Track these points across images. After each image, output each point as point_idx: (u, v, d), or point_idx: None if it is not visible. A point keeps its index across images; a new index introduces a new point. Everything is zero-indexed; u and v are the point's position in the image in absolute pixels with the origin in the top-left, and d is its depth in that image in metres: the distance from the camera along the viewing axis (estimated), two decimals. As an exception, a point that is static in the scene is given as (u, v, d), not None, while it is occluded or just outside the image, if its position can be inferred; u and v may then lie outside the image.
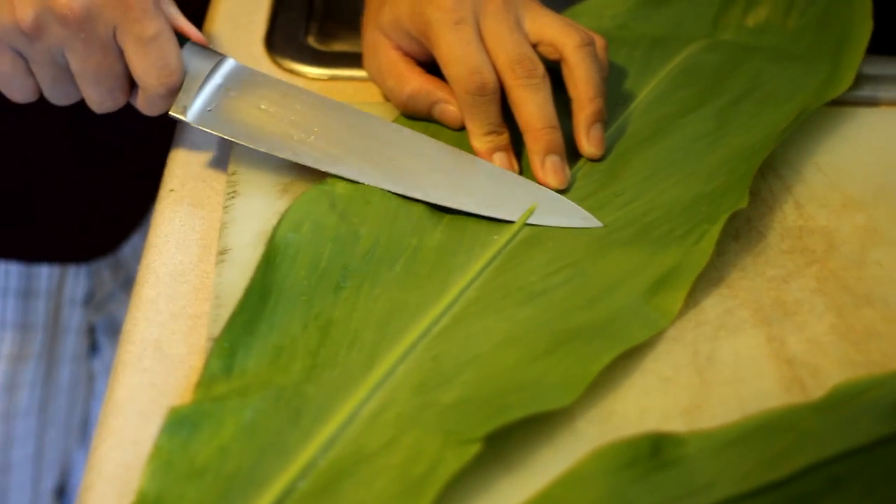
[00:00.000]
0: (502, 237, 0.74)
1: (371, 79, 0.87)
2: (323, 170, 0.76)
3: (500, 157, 0.79)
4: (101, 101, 0.79)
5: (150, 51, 0.76)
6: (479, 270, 0.72)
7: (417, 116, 0.84)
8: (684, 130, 0.83)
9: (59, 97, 0.80)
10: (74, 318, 1.16)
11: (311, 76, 0.93)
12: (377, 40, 0.84)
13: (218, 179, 0.81)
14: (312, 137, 0.78)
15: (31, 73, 0.78)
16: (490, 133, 0.79)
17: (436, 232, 0.75)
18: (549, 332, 0.68)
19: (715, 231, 0.73)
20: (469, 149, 0.80)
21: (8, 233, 1.08)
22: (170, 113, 0.79)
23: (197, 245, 0.76)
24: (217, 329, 0.68)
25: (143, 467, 0.61)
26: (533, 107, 0.78)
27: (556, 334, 0.68)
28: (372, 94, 0.89)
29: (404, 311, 0.70)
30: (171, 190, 0.80)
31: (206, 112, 0.78)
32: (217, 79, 0.79)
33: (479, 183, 0.77)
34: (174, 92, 0.78)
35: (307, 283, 0.70)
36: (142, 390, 0.67)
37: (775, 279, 0.74)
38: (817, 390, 0.66)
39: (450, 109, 0.82)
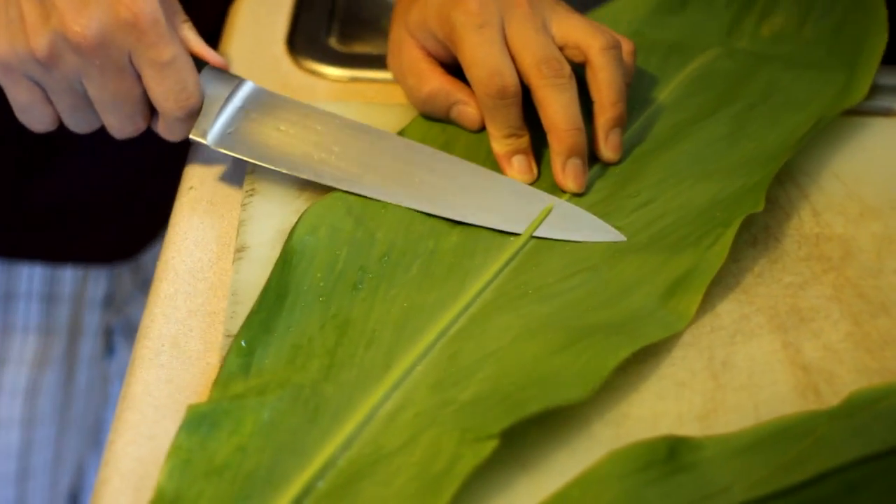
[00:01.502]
0: (519, 240, 0.75)
1: (393, 76, 0.87)
2: (344, 189, 0.76)
3: (519, 161, 0.79)
4: (121, 127, 0.79)
5: (167, 75, 0.75)
6: (495, 272, 0.73)
7: (435, 117, 0.84)
8: (700, 135, 0.84)
9: (79, 125, 0.80)
10: (93, 321, 1.16)
11: (332, 77, 0.93)
12: (403, 39, 0.84)
13: (237, 178, 0.81)
14: (333, 157, 0.78)
15: (50, 102, 0.78)
16: (510, 136, 0.79)
17: (452, 235, 0.75)
18: (567, 328, 0.68)
19: (730, 234, 0.73)
20: (487, 151, 0.80)
21: (33, 234, 1.08)
22: (190, 137, 0.78)
23: (215, 242, 0.76)
24: (234, 326, 0.69)
25: (160, 463, 0.61)
26: (558, 107, 0.77)
27: (573, 330, 0.68)
28: (392, 95, 0.89)
29: (421, 311, 0.70)
30: (191, 188, 0.81)
31: (225, 135, 0.78)
32: (236, 102, 0.79)
33: (501, 199, 0.77)
34: (193, 115, 0.78)
35: (324, 284, 0.71)
36: (158, 386, 0.67)
37: (792, 286, 0.74)
38: (832, 397, 0.66)
39: (467, 111, 0.82)
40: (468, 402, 0.64)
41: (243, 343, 0.66)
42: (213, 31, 0.98)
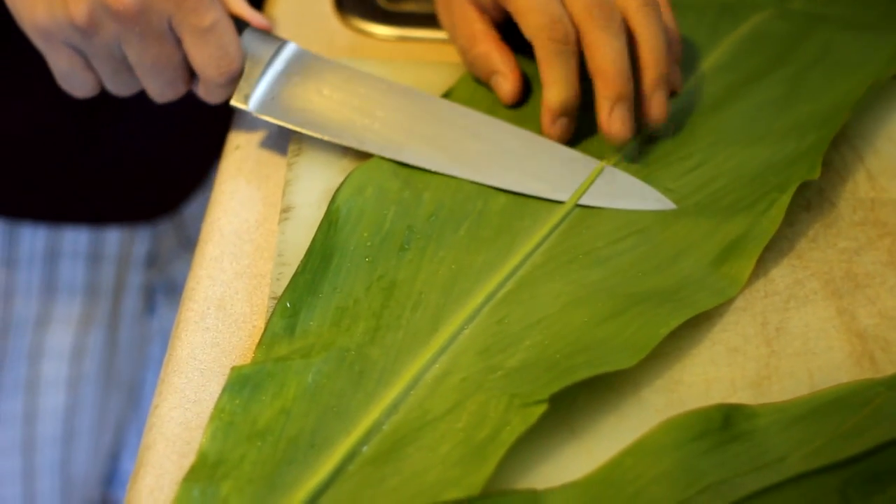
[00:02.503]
0: (568, 203, 0.74)
1: (444, 31, 0.86)
2: (388, 157, 0.75)
3: (562, 123, 0.77)
4: (161, 91, 0.78)
5: (208, 41, 0.74)
6: (545, 235, 0.72)
7: (477, 82, 0.83)
8: (752, 97, 0.82)
9: (120, 89, 0.79)
10: (136, 280, 1.16)
11: (379, 36, 0.92)
12: None
13: (283, 138, 0.80)
14: (377, 124, 0.76)
15: (91, 68, 0.77)
16: (566, 85, 0.76)
17: (500, 196, 0.74)
18: (617, 295, 0.67)
19: (785, 200, 0.72)
20: (534, 113, 0.79)
21: (78, 199, 1.08)
22: (231, 103, 0.77)
23: (261, 203, 0.76)
24: (279, 288, 0.68)
25: (203, 427, 0.61)
26: (608, 49, 0.74)
27: (623, 298, 0.67)
28: (440, 54, 0.88)
29: (469, 273, 0.69)
30: (237, 147, 0.80)
31: (267, 100, 0.77)
32: (278, 65, 0.78)
33: (551, 167, 0.75)
34: (235, 80, 0.77)
35: (370, 245, 0.70)
36: (204, 349, 0.66)
37: (847, 251, 0.72)
38: (888, 365, 0.65)
39: (504, 84, 0.80)
40: (515, 369, 0.63)
41: (288, 304, 0.66)
42: None
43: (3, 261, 1.07)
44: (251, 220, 0.74)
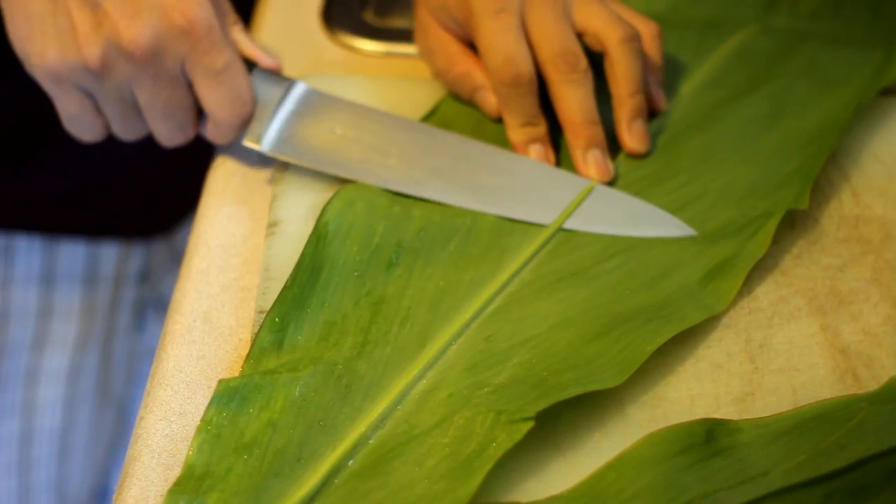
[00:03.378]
0: (557, 220, 0.74)
1: (421, 56, 0.86)
2: (407, 193, 0.75)
3: (535, 150, 0.78)
4: (170, 135, 0.77)
5: (221, 82, 0.74)
6: (533, 252, 0.72)
7: (462, 100, 0.83)
8: (738, 114, 0.83)
9: (128, 133, 0.78)
10: (129, 296, 1.16)
11: (367, 52, 0.92)
12: (427, 20, 0.83)
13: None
14: (392, 160, 0.76)
15: (99, 112, 0.76)
16: (526, 125, 0.78)
17: (489, 213, 0.74)
18: (604, 314, 0.68)
19: (772, 225, 0.72)
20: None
21: (74, 211, 1.08)
22: (243, 143, 0.77)
23: (248, 217, 0.76)
24: (266, 302, 0.68)
25: (190, 439, 0.61)
26: (573, 101, 0.77)
27: (610, 317, 0.67)
28: (427, 70, 0.88)
29: (457, 290, 0.69)
30: (225, 161, 0.80)
31: (281, 140, 0.76)
32: (289, 105, 0.77)
33: (569, 198, 0.75)
34: (246, 121, 0.76)
35: (359, 260, 0.70)
36: (190, 362, 0.66)
37: (831, 268, 0.73)
38: (871, 381, 0.66)
39: (489, 98, 0.80)
40: (503, 385, 0.63)
41: (276, 319, 0.66)
42: (247, 4, 0.97)
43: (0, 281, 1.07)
44: (238, 234, 0.75)
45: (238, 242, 0.74)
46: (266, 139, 0.76)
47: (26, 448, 1.14)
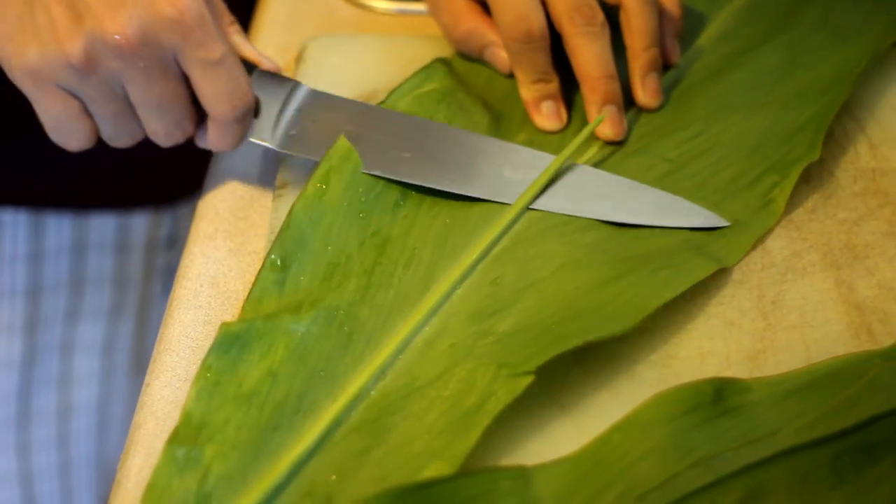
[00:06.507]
0: (560, 156, 0.73)
1: (429, 12, 0.85)
2: (426, 185, 0.72)
3: (547, 106, 0.77)
4: (167, 133, 0.73)
5: (218, 74, 0.69)
6: (542, 188, 0.71)
7: (471, 57, 0.82)
8: (752, 65, 0.81)
9: (121, 137, 0.73)
10: (160, 264, 1.15)
11: (379, 10, 0.91)
12: None
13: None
14: (408, 154, 0.73)
15: (87, 115, 0.71)
16: (538, 81, 0.77)
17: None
18: (612, 258, 0.67)
19: (787, 186, 0.72)
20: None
21: (100, 184, 1.07)
22: (251, 139, 0.73)
23: (257, 180, 0.75)
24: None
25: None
26: (591, 55, 0.75)
27: (618, 262, 0.67)
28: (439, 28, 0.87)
29: (464, 227, 0.69)
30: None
31: (289, 137, 0.74)
32: (294, 103, 0.74)
33: (594, 188, 0.73)
34: (247, 118, 0.72)
35: (364, 201, 0.69)
36: (196, 327, 0.66)
37: (846, 222, 0.72)
38: (886, 337, 0.65)
39: (500, 54, 0.79)
40: (506, 334, 0.62)
41: (275, 258, 0.65)
42: (245, 10, 0.96)
43: (30, 256, 1.06)
44: (246, 198, 0.74)
45: (246, 206, 0.74)
46: (275, 135, 0.73)
47: (65, 421, 1.14)
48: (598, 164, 0.74)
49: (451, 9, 0.81)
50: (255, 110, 0.73)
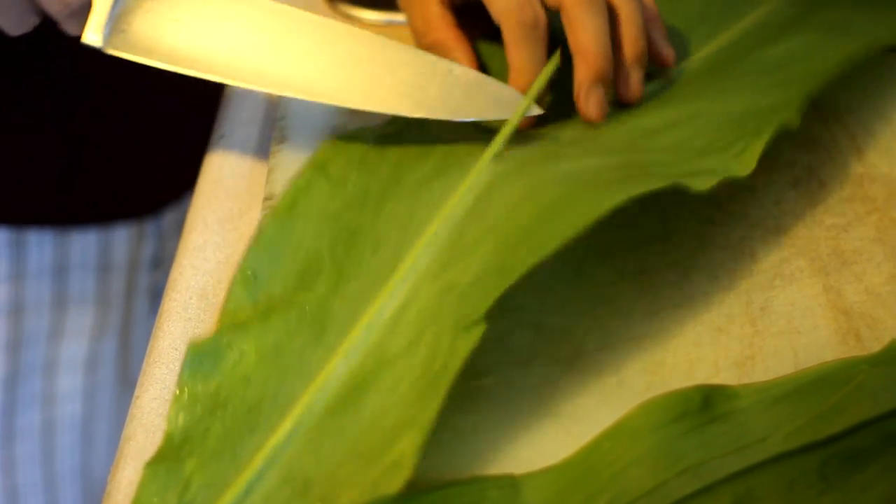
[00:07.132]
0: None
1: (400, 8, 0.84)
2: (277, 92, 0.69)
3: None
4: (11, 25, 0.72)
5: None
6: (504, 141, 0.70)
7: None
8: (744, 65, 0.81)
9: None
10: (144, 283, 1.15)
11: (367, 21, 0.92)
12: None
13: (268, 124, 0.80)
14: (250, 51, 0.68)
15: None
16: (535, 73, 0.75)
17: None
18: (573, 182, 0.65)
19: (759, 144, 0.69)
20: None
21: (84, 195, 1.07)
22: (82, 41, 0.70)
23: (246, 192, 0.75)
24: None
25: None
26: (591, 30, 0.73)
27: (580, 183, 0.65)
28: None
29: (429, 202, 0.67)
30: (222, 136, 0.80)
31: (119, 34, 0.69)
32: None
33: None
34: (82, 12, 0.69)
35: (335, 207, 0.68)
36: (186, 339, 0.66)
37: (834, 227, 0.72)
38: (874, 342, 0.65)
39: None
40: (469, 284, 0.60)
41: (248, 271, 0.64)
42: None
43: (12, 275, 1.06)
44: (235, 210, 0.74)
45: (235, 217, 0.74)
46: (103, 34, 0.70)
47: (49, 438, 1.14)
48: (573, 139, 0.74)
49: (424, 15, 0.80)
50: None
